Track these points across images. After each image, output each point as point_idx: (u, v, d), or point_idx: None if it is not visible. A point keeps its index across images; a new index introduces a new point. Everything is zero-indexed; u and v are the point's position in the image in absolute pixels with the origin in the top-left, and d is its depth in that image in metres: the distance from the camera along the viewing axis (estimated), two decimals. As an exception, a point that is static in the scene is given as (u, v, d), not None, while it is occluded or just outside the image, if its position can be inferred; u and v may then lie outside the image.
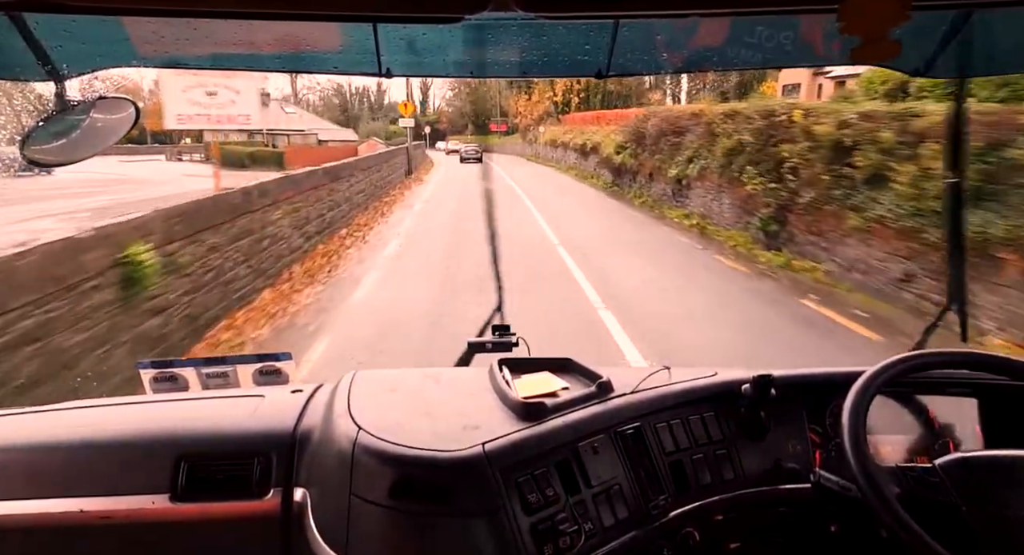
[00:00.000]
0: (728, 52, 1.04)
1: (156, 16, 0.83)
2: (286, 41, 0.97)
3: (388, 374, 1.31)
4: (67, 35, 0.89)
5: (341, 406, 1.13)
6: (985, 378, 1.24)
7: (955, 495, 0.96)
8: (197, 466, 1.11)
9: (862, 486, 0.95)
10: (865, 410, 1.02)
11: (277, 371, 1.47)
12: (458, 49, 1.06)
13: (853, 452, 0.98)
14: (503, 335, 1.42)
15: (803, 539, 1.23)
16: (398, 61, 1.04)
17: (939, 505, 0.96)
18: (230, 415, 1.24)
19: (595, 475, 1.06)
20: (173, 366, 1.46)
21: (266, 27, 0.93)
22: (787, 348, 5.33)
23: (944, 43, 1.00)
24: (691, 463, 1.17)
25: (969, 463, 1.01)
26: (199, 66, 1.05)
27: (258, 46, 0.97)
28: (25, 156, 0.95)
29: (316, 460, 1.10)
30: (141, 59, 0.97)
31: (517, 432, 1.04)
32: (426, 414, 1.12)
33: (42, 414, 1.32)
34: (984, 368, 1.15)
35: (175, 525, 1.10)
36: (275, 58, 1.01)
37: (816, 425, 1.26)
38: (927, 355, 1.09)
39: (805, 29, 0.99)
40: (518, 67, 1.10)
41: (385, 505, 0.96)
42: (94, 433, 1.18)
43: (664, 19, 1.00)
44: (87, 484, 1.10)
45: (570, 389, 1.20)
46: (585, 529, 1.01)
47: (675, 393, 1.23)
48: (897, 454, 1.24)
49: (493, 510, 0.96)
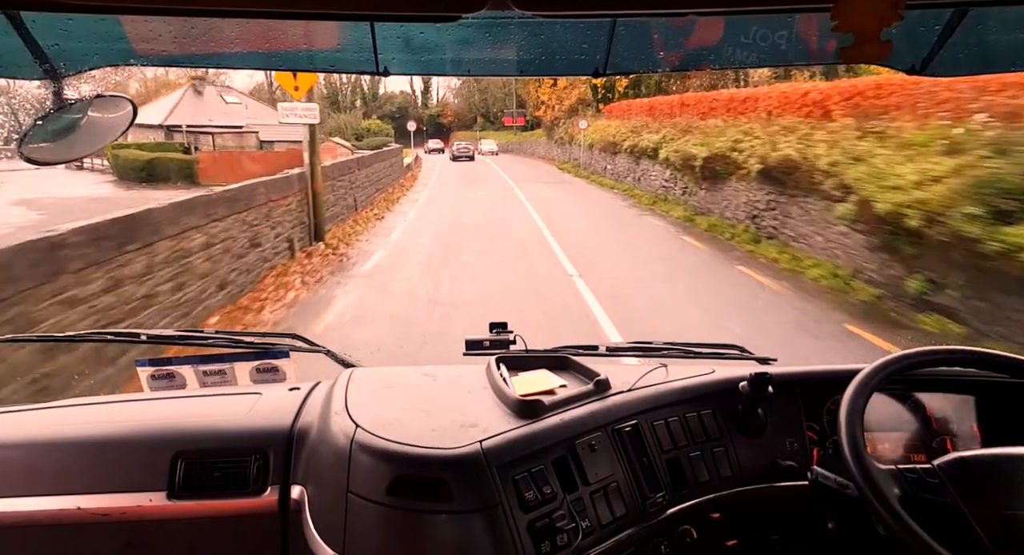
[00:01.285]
0: (724, 51, 1.04)
1: (154, 15, 0.83)
2: (284, 40, 0.97)
3: (386, 372, 1.31)
4: (64, 34, 0.88)
5: (339, 403, 1.13)
6: (983, 376, 1.24)
7: (955, 496, 0.96)
8: (194, 464, 1.11)
9: (859, 484, 0.95)
10: (862, 407, 1.03)
11: (275, 369, 1.47)
12: (456, 47, 1.06)
13: (850, 450, 0.98)
14: (500, 333, 1.42)
15: (800, 536, 1.23)
16: (396, 60, 1.05)
17: (940, 506, 0.96)
18: (227, 413, 1.24)
19: (592, 472, 1.07)
20: (171, 364, 1.46)
21: (264, 26, 0.93)
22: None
23: (940, 42, 1.00)
24: (688, 460, 1.17)
25: (968, 463, 1.01)
26: (197, 65, 1.05)
27: (256, 45, 0.97)
28: (23, 154, 0.95)
29: (313, 457, 1.10)
30: (139, 58, 0.97)
31: (514, 430, 1.04)
32: (424, 412, 1.12)
33: (39, 412, 1.32)
34: (982, 365, 1.15)
35: (172, 523, 1.10)
36: (273, 57, 1.01)
37: (813, 423, 1.26)
38: (925, 353, 1.09)
39: (800, 28, 0.99)
40: (516, 65, 1.10)
41: (383, 502, 0.97)
42: (91, 431, 1.18)
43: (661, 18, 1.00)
44: (84, 482, 1.11)
45: (567, 387, 1.21)
46: (582, 526, 1.01)
47: (672, 390, 1.23)
48: (894, 451, 1.24)
49: (490, 508, 0.96)
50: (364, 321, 6.18)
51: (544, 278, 7.77)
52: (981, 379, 1.26)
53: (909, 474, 1.01)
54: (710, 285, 7.57)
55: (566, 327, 5.77)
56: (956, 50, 1.01)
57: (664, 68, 1.15)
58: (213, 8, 0.67)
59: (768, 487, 1.20)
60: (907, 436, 1.26)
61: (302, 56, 1.01)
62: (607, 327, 5.76)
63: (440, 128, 67.60)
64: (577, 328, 5.69)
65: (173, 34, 0.93)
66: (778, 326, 5.84)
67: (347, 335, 5.61)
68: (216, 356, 1.47)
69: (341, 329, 5.86)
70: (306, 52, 1.00)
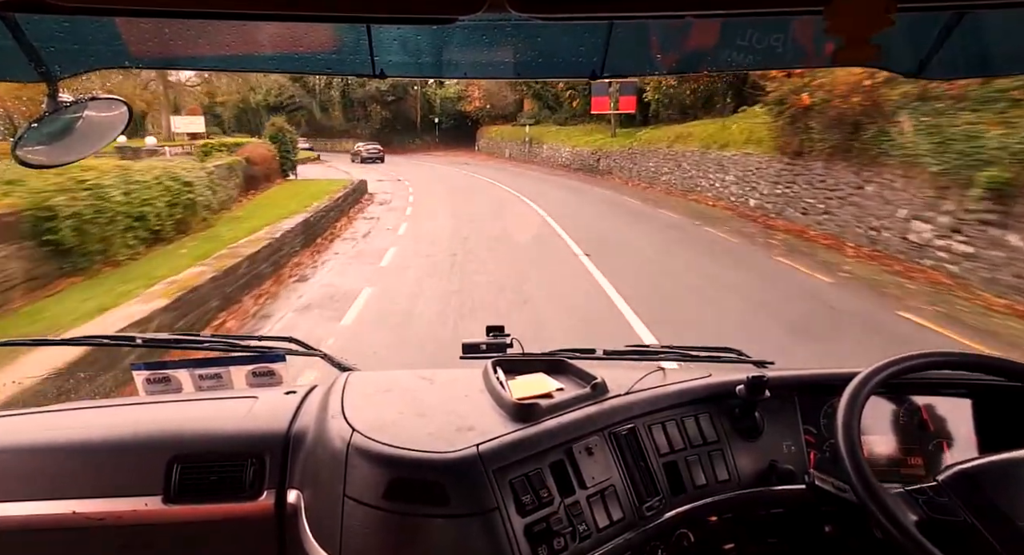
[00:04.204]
0: (721, 54, 1.05)
1: (149, 17, 0.83)
2: (280, 42, 0.97)
3: (382, 375, 1.31)
4: (59, 36, 0.88)
5: (335, 407, 1.12)
6: (980, 379, 1.24)
7: (968, 514, 0.94)
8: (190, 468, 1.10)
9: (856, 487, 0.95)
10: (859, 411, 1.02)
11: (271, 372, 1.47)
12: (452, 50, 1.06)
13: (847, 453, 0.98)
14: (497, 336, 1.42)
15: (797, 540, 1.23)
16: (392, 62, 1.05)
17: (956, 527, 0.94)
18: (223, 416, 1.24)
19: (589, 476, 1.06)
20: (167, 368, 1.46)
21: (260, 28, 0.93)
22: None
23: (938, 44, 1.01)
24: (685, 464, 1.17)
25: (972, 476, 0.99)
26: (192, 67, 1.05)
27: (252, 47, 0.97)
28: (17, 157, 0.95)
29: (310, 461, 1.10)
30: (134, 60, 0.97)
31: (511, 433, 1.04)
32: (420, 415, 1.12)
33: (35, 416, 1.31)
34: (979, 369, 1.16)
35: (168, 527, 1.09)
36: (269, 59, 1.01)
37: (810, 426, 1.26)
38: (922, 356, 1.09)
39: (795, 31, 0.99)
40: (512, 68, 1.10)
41: (379, 507, 0.96)
42: (87, 435, 1.17)
43: (657, 20, 1.00)
44: (80, 486, 1.10)
45: (564, 390, 1.20)
46: (579, 530, 1.01)
47: (669, 394, 1.23)
48: (891, 454, 1.24)
49: (487, 511, 0.96)
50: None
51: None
52: (977, 382, 1.26)
53: (919, 495, 0.99)
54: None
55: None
56: (954, 53, 1.02)
57: (661, 71, 1.15)
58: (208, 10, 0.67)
59: (765, 491, 1.20)
60: (903, 439, 1.26)
61: (298, 58, 1.01)
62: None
63: (461, 122, 43.74)
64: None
65: (168, 36, 0.92)
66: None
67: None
68: (212, 360, 1.46)
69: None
70: (302, 54, 1.00)
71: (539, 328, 5.80)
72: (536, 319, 6.24)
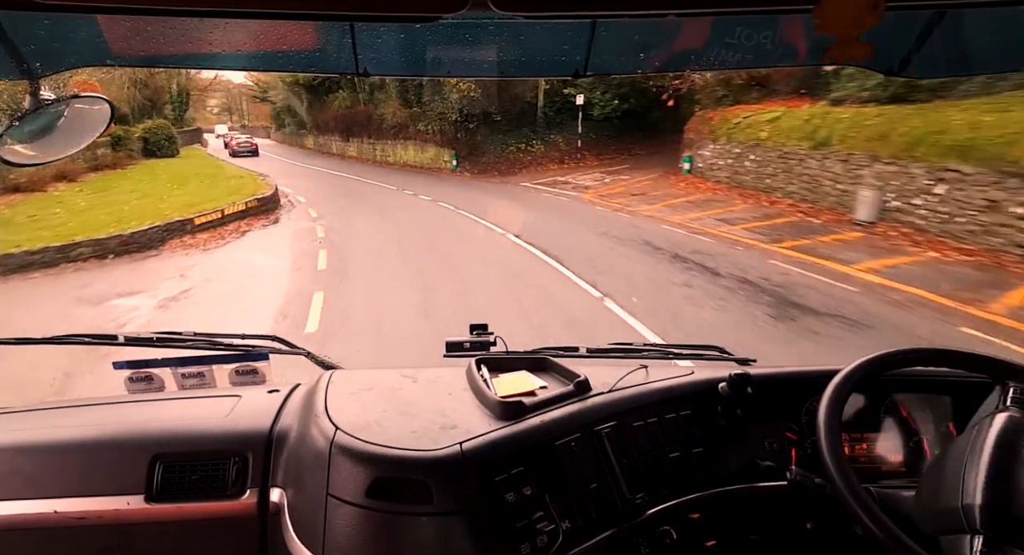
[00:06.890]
0: (708, 52, 1.05)
1: (130, 15, 0.82)
2: (263, 40, 0.97)
3: (365, 374, 1.30)
4: (40, 34, 0.88)
5: (318, 406, 1.12)
6: (960, 376, 1.25)
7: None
8: (173, 466, 1.10)
9: (837, 484, 0.96)
10: (841, 408, 1.03)
11: (254, 371, 1.46)
12: (436, 48, 1.06)
13: (828, 450, 0.98)
14: (481, 334, 1.42)
15: (779, 536, 1.24)
16: (375, 60, 1.05)
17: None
18: (206, 415, 1.23)
19: (573, 474, 1.07)
20: (149, 366, 1.45)
21: (242, 26, 0.92)
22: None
23: (919, 43, 1.02)
24: (668, 461, 1.18)
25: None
26: (174, 65, 1.04)
27: (234, 45, 0.97)
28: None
29: (293, 460, 1.09)
30: (115, 58, 0.96)
31: (495, 431, 1.04)
32: (404, 414, 1.12)
33: (15, 415, 1.30)
34: (959, 365, 1.16)
35: (150, 526, 1.09)
36: (252, 57, 1.01)
37: (792, 423, 1.27)
38: (902, 353, 1.10)
39: (785, 29, 1.00)
40: (496, 67, 1.11)
41: (362, 505, 0.96)
42: (68, 434, 1.16)
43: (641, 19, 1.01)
44: (61, 485, 1.09)
45: (548, 388, 1.21)
46: (563, 528, 1.01)
47: (652, 392, 1.24)
48: (872, 452, 1.26)
49: (470, 509, 0.96)
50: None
51: None
52: (958, 380, 1.28)
53: (899, 492, 0.99)
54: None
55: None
56: (934, 52, 1.02)
57: (647, 69, 1.16)
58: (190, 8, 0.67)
59: (747, 487, 1.20)
60: (884, 436, 1.27)
61: (281, 57, 1.00)
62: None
63: (645, 105, 18.28)
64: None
65: (150, 34, 0.92)
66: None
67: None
68: (195, 358, 1.45)
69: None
70: (285, 52, 1.00)
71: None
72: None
